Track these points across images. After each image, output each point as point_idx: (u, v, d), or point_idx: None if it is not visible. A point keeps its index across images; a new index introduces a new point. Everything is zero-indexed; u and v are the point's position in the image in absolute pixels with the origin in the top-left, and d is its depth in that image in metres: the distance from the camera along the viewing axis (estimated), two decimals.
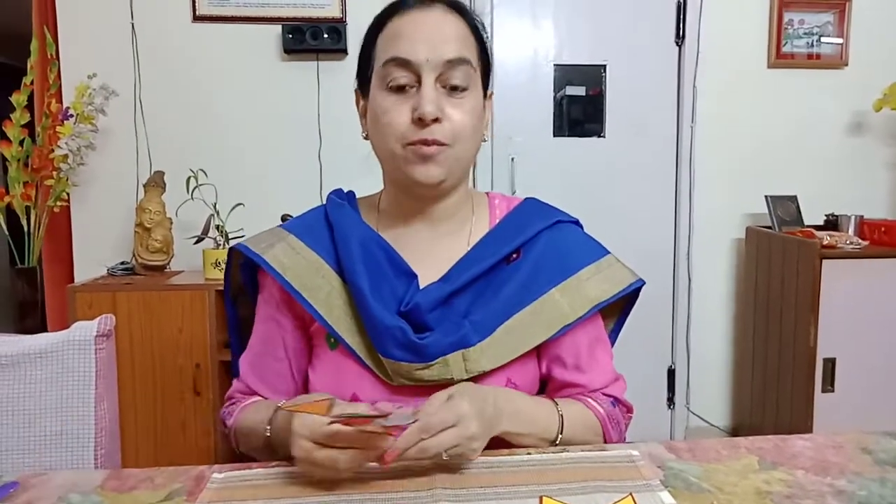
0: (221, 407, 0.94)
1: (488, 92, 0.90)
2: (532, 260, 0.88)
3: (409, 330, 0.81)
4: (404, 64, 0.80)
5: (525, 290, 0.86)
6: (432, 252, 0.89)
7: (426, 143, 0.80)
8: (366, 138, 0.88)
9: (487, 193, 0.98)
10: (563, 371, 0.89)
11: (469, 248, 0.89)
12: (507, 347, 0.85)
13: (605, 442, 0.88)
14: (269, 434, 0.80)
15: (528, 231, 0.89)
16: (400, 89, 0.81)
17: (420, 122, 0.79)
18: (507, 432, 0.78)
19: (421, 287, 0.85)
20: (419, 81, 0.80)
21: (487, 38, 0.89)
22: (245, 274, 0.94)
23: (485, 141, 0.90)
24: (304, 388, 0.91)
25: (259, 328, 0.92)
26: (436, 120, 0.79)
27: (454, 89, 0.81)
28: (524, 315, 0.85)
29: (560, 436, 0.83)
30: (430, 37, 0.80)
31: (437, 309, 0.84)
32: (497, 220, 0.93)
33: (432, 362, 0.82)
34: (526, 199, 0.97)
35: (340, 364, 0.85)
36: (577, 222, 0.96)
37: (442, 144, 0.80)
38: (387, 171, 0.89)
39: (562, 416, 0.84)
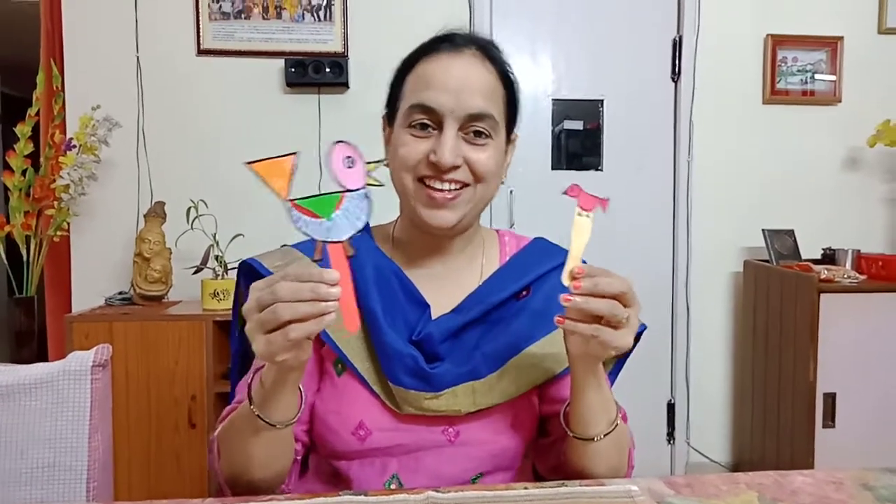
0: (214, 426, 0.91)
1: (513, 135, 0.91)
2: (541, 298, 0.89)
3: (421, 358, 0.82)
4: (428, 111, 0.82)
5: (534, 327, 0.87)
6: (444, 284, 0.89)
7: (440, 180, 0.81)
8: (386, 165, 0.89)
9: (497, 231, 1.00)
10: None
11: (481, 282, 0.90)
12: (515, 383, 0.85)
13: (628, 466, 0.87)
14: (252, 394, 0.73)
15: (539, 269, 0.90)
16: (422, 127, 0.82)
17: (435, 166, 0.81)
18: (598, 376, 0.77)
19: (432, 318, 0.86)
20: (441, 126, 0.82)
21: (517, 84, 0.89)
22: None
23: (502, 183, 0.90)
24: (310, 410, 0.89)
25: None
26: (453, 168, 0.81)
27: (477, 135, 0.83)
28: (533, 351, 0.86)
29: (616, 423, 0.80)
30: (456, 87, 0.81)
31: (449, 340, 0.84)
32: (507, 257, 0.95)
33: (441, 392, 0.82)
34: (535, 238, 0.98)
35: (347, 390, 0.84)
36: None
37: (462, 185, 0.82)
38: (402, 204, 0.90)
39: (619, 407, 0.82)
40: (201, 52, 2.52)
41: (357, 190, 0.64)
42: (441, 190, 0.82)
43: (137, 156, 2.50)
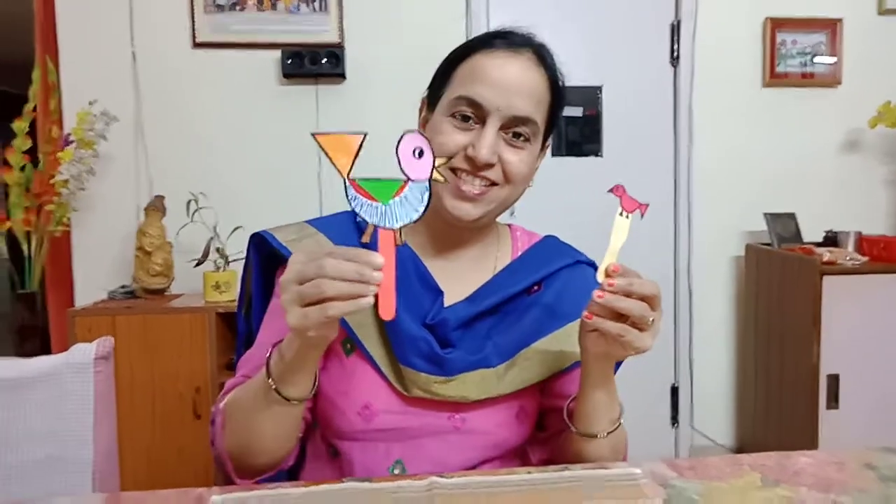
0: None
1: (547, 143, 0.91)
2: (553, 294, 0.90)
3: (434, 342, 0.82)
4: (474, 105, 0.82)
5: (545, 322, 0.88)
6: (458, 274, 0.90)
7: (473, 174, 0.82)
8: None
9: (509, 226, 1.00)
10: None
11: (494, 275, 0.90)
12: (522, 375, 0.86)
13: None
14: (272, 368, 0.72)
15: (551, 266, 0.92)
16: (465, 119, 0.82)
17: (471, 161, 0.81)
18: (609, 376, 0.79)
19: (444, 306, 0.86)
20: (483, 122, 0.82)
21: (564, 91, 0.89)
22: (259, 265, 0.91)
23: (530, 186, 0.91)
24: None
25: (275, 323, 0.85)
26: (489, 165, 0.81)
27: (517, 136, 0.83)
28: (543, 344, 0.87)
29: (620, 422, 0.82)
30: (507, 87, 0.81)
31: (462, 328, 0.85)
32: (519, 252, 0.95)
33: (452, 377, 0.82)
34: (546, 236, 0.99)
35: (355, 370, 0.84)
36: (592, 264, 0.97)
37: (492, 183, 0.83)
38: None
39: (622, 407, 0.83)
40: (197, 44, 2.51)
41: (420, 181, 0.63)
42: (475, 175, 0.82)
43: (135, 150, 2.50)
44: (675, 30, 2.71)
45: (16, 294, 2.29)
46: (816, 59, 2.74)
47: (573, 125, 2.74)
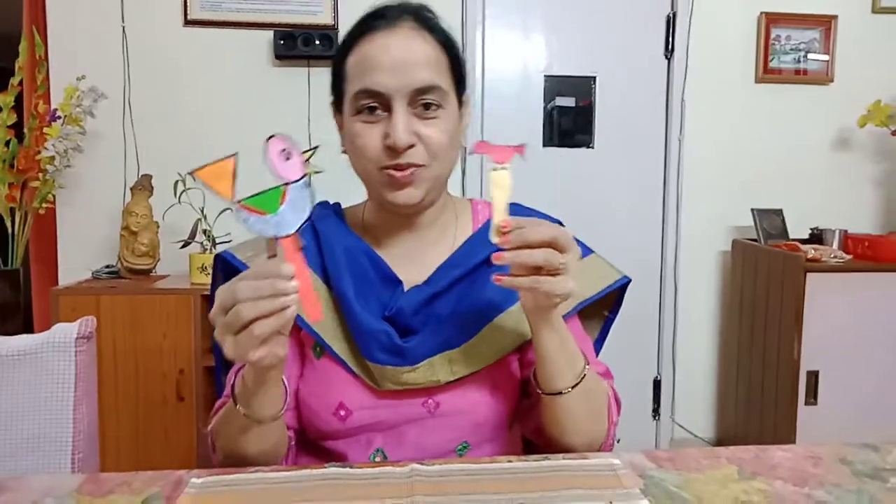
0: (207, 420, 0.91)
1: (464, 98, 0.89)
2: None
3: (395, 334, 0.82)
4: (374, 95, 0.80)
5: (508, 292, 0.84)
6: (417, 259, 0.89)
7: (400, 167, 0.80)
8: (344, 152, 0.88)
9: (471, 200, 0.99)
10: None
11: (452, 252, 0.89)
12: (491, 348, 0.85)
13: (609, 422, 0.85)
14: (236, 390, 0.74)
15: None
16: (371, 110, 0.81)
17: (392, 149, 0.79)
18: (556, 328, 0.76)
19: (405, 292, 0.86)
20: (390, 108, 0.80)
21: (458, 46, 0.87)
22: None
23: (464, 147, 0.90)
24: (296, 395, 0.90)
25: None
26: (409, 146, 0.80)
27: (427, 108, 0.81)
28: (508, 315, 0.86)
29: (584, 375, 0.78)
30: (398, 64, 0.79)
31: (421, 312, 0.84)
32: (480, 225, 0.94)
33: (417, 365, 0.82)
34: (510, 204, 0.97)
35: (327, 372, 0.85)
36: (559, 223, 0.96)
37: (419, 166, 0.81)
38: (367, 189, 0.89)
39: (587, 361, 0.81)
40: (188, 22, 2.47)
41: (297, 181, 0.64)
42: (402, 169, 0.81)
43: (123, 128, 2.47)
44: (671, 22, 2.71)
45: None
46: (810, 56, 2.75)
47: (566, 115, 2.74)
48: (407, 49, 0.81)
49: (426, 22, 0.84)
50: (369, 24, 0.83)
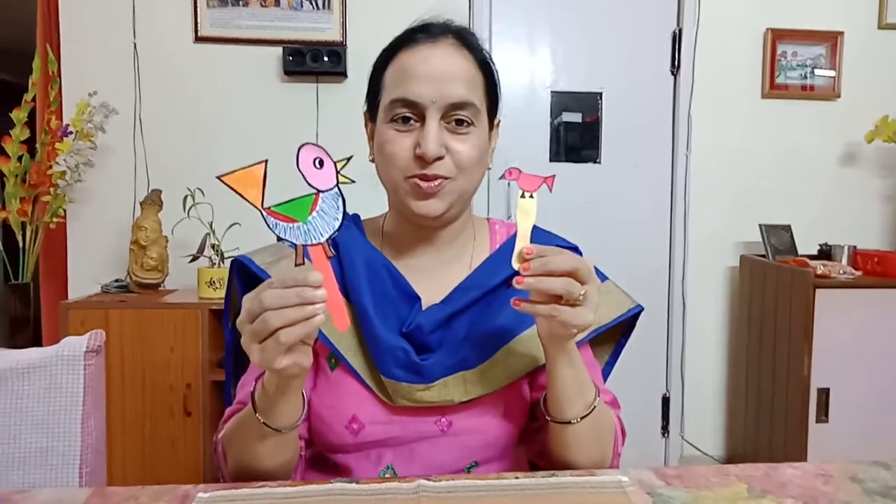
0: (214, 434, 0.91)
1: (496, 121, 0.91)
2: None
3: (412, 351, 0.82)
4: (410, 105, 0.81)
5: (525, 315, 0.86)
6: (435, 276, 0.89)
7: (426, 178, 0.81)
8: (372, 161, 0.89)
9: (488, 219, 0.99)
10: None
11: (470, 272, 0.89)
12: (505, 371, 0.85)
13: (614, 454, 0.86)
14: (255, 397, 0.74)
15: None
16: (405, 121, 0.82)
17: (421, 159, 0.80)
18: (570, 357, 0.76)
19: (423, 310, 0.86)
20: (423, 118, 0.81)
21: (495, 69, 0.89)
22: (244, 289, 0.92)
23: (489, 168, 0.90)
24: (308, 405, 0.89)
25: None
26: (438, 158, 0.81)
27: (459, 123, 0.82)
28: (523, 339, 0.86)
29: (594, 406, 0.79)
30: (436, 77, 0.81)
31: (438, 331, 0.84)
32: (497, 245, 0.94)
33: (432, 383, 0.82)
34: None
35: (341, 384, 0.85)
36: (576, 248, 0.96)
37: (445, 178, 0.82)
38: (391, 198, 0.90)
39: (597, 389, 0.81)
40: (199, 39, 2.51)
41: (329, 190, 0.64)
42: (428, 180, 0.82)
43: (134, 143, 2.49)
44: (677, 38, 2.72)
45: (9, 285, 2.29)
46: (816, 72, 2.75)
47: (573, 131, 2.74)
48: (446, 63, 0.82)
49: (467, 41, 0.86)
50: (412, 36, 0.85)
